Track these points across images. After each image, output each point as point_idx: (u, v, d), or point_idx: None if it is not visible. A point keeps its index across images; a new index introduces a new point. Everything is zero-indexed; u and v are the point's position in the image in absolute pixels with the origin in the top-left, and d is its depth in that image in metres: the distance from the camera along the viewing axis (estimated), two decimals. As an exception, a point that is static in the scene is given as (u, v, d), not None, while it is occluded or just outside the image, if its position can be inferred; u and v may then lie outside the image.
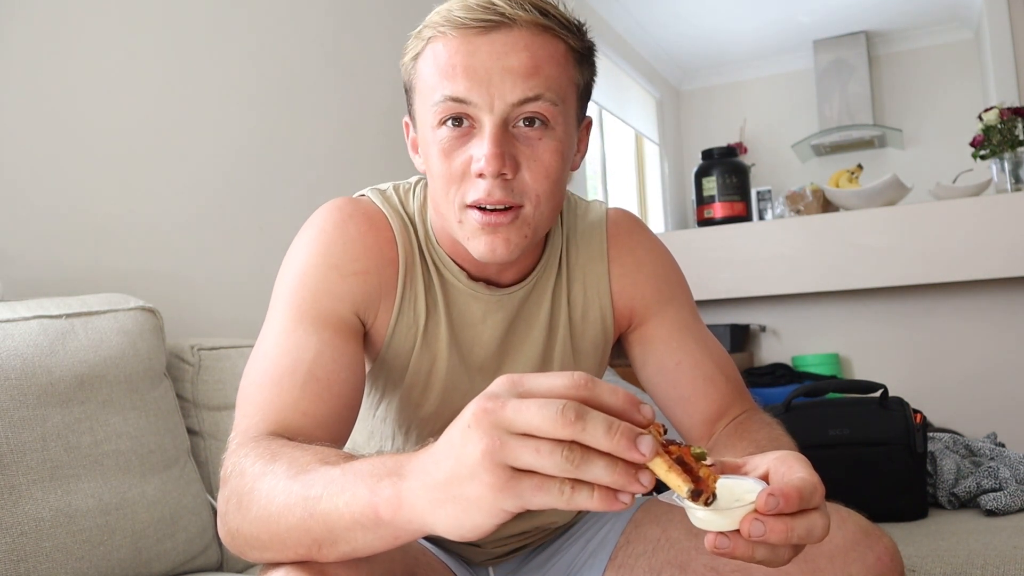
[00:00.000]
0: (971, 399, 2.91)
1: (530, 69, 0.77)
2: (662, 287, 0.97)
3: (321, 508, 0.58)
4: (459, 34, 0.78)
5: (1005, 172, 2.73)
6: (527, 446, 0.47)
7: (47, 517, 1.00)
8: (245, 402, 0.78)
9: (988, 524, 1.32)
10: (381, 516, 0.54)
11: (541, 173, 0.79)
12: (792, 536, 0.56)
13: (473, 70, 0.76)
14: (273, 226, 1.83)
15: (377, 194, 0.92)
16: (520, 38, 0.77)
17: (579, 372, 0.50)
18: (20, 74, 1.36)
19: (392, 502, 0.53)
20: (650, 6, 3.95)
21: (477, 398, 0.50)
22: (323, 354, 0.79)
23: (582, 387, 0.49)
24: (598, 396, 0.49)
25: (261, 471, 0.65)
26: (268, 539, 0.63)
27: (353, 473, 0.58)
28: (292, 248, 0.87)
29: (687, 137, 4.84)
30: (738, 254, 2.98)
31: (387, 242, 0.87)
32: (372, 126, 2.23)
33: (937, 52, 4.33)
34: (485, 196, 0.77)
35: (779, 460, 0.60)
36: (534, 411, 0.47)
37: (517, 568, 0.99)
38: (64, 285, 1.35)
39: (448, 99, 0.77)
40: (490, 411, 0.48)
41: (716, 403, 0.92)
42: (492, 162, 0.76)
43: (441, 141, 0.79)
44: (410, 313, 0.87)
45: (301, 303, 0.82)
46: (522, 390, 0.49)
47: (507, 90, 0.76)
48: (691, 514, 0.58)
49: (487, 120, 0.77)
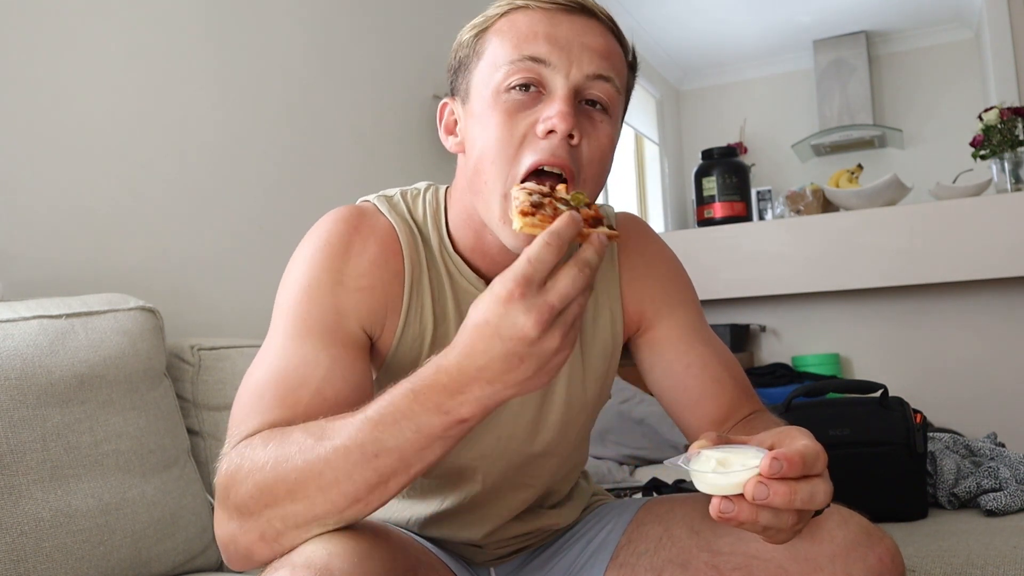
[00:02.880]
0: (971, 399, 2.91)
1: (605, 52, 0.81)
2: (671, 291, 0.96)
3: (387, 445, 0.63)
4: (544, 7, 0.80)
5: (1005, 172, 2.73)
6: (578, 304, 0.61)
7: (47, 517, 1.00)
8: (243, 410, 0.75)
9: (988, 524, 1.32)
10: (466, 420, 0.62)
11: (599, 152, 0.80)
12: (795, 500, 0.58)
13: (555, 38, 0.79)
14: (274, 226, 1.83)
15: (384, 201, 0.90)
16: (597, 26, 0.82)
17: (545, 237, 0.60)
18: (20, 74, 1.36)
19: (477, 407, 0.62)
20: (650, 6, 3.95)
21: (518, 316, 0.59)
22: (333, 371, 0.77)
23: (560, 245, 0.60)
24: (568, 239, 0.61)
25: (279, 444, 0.67)
26: (311, 505, 0.65)
27: (391, 410, 0.63)
28: (296, 259, 0.85)
29: (687, 137, 4.84)
30: (738, 254, 2.98)
31: (394, 254, 0.85)
32: (371, 126, 2.23)
33: (937, 52, 4.33)
34: (548, 156, 0.76)
35: (782, 432, 0.63)
36: (571, 290, 0.60)
37: (518, 568, 0.99)
38: (64, 285, 1.35)
39: (527, 58, 0.78)
40: (547, 319, 0.59)
41: (725, 405, 0.92)
42: (567, 119, 0.76)
43: (507, 103, 0.79)
44: (416, 324, 0.86)
45: (307, 317, 0.80)
46: (537, 284, 0.59)
47: (585, 61, 0.79)
48: (697, 478, 0.61)
49: (560, 84, 0.78)
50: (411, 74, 2.36)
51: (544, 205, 0.66)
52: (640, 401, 2.32)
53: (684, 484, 1.50)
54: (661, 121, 4.58)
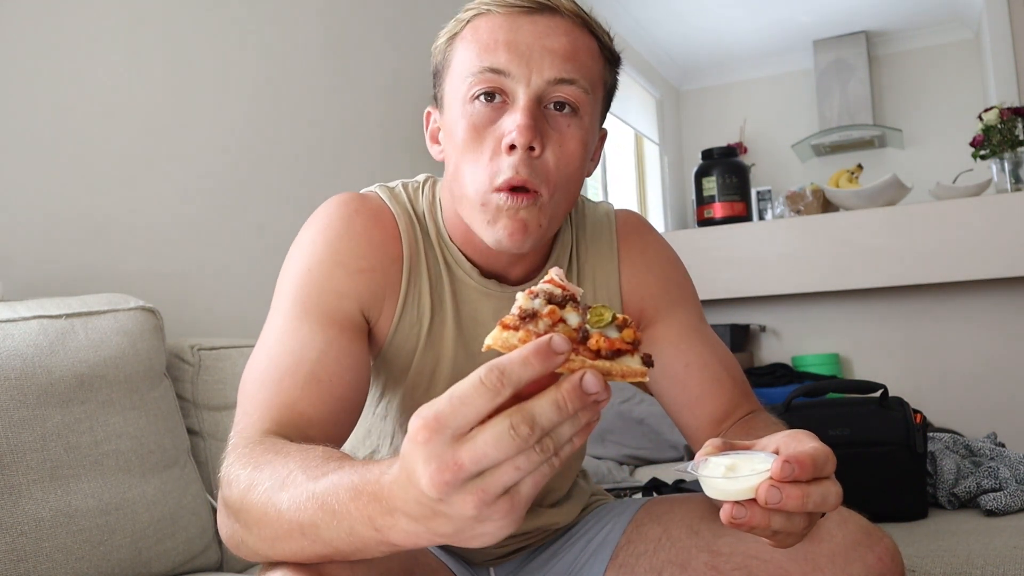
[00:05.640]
0: (971, 399, 2.91)
1: (569, 53, 0.79)
2: (671, 288, 0.97)
3: (323, 536, 0.57)
4: (504, 12, 0.79)
5: (1005, 172, 2.73)
6: (507, 471, 0.45)
7: (47, 517, 1.00)
8: (245, 399, 0.77)
9: (988, 524, 1.32)
10: (399, 544, 0.53)
11: (564, 159, 0.80)
12: (808, 503, 0.57)
13: (515, 45, 0.78)
14: (273, 226, 1.83)
15: (385, 191, 0.91)
16: (562, 24, 0.80)
17: (484, 371, 0.45)
18: (20, 74, 1.36)
19: (408, 539, 0.52)
20: (650, 6, 3.95)
21: (422, 466, 0.46)
22: (327, 353, 0.78)
23: (500, 388, 0.45)
24: (517, 383, 0.45)
25: (247, 484, 0.64)
26: (277, 556, 0.63)
27: (335, 500, 0.55)
28: (297, 243, 0.87)
29: (687, 137, 4.84)
30: (738, 254, 2.98)
31: (392, 239, 0.87)
32: (372, 126, 2.23)
33: (937, 52, 4.33)
34: (512, 173, 0.77)
35: (789, 436, 0.63)
36: (493, 451, 0.45)
37: (518, 568, 0.99)
38: (64, 285, 1.35)
39: (486, 70, 0.78)
40: (451, 480, 0.45)
41: (723, 405, 0.92)
42: (525, 132, 0.76)
43: (472, 115, 0.79)
44: (414, 311, 0.87)
45: (306, 299, 0.81)
46: (452, 433, 0.46)
47: (546, 67, 0.78)
48: (707, 485, 0.60)
49: (522, 93, 0.77)
50: (417, 78, 2.36)
51: (539, 317, 0.49)
52: (640, 401, 2.32)
53: (684, 484, 1.50)
54: (661, 121, 4.58)
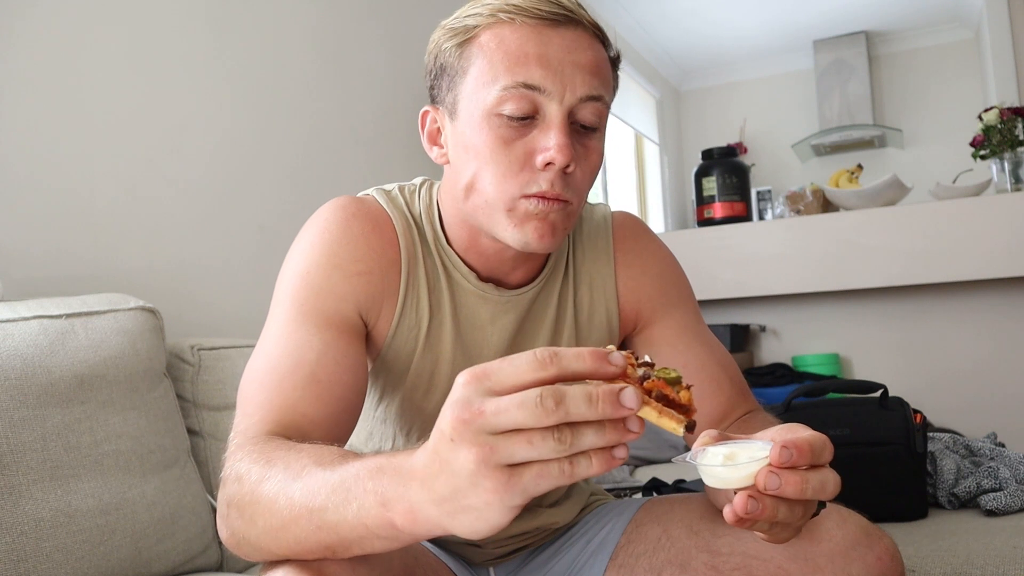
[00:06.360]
0: (971, 399, 2.91)
1: (595, 68, 0.79)
2: (668, 290, 0.97)
3: (329, 520, 0.57)
4: (531, 23, 0.78)
5: (1005, 172, 2.73)
6: (518, 442, 0.46)
7: (47, 517, 1.00)
8: (245, 401, 0.77)
9: (988, 524, 1.32)
10: (399, 527, 0.54)
11: (588, 172, 0.81)
12: (807, 489, 0.58)
13: (547, 60, 0.77)
14: (273, 226, 1.83)
15: (382, 194, 0.91)
16: (584, 37, 0.80)
17: (540, 349, 0.48)
18: (20, 74, 1.36)
19: (408, 516, 0.53)
20: (650, 6, 3.95)
21: (449, 406, 0.48)
22: (326, 355, 0.78)
23: (549, 364, 0.47)
24: (566, 368, 0.48)
25: (259, 477, 0.64)
26: (278, 548, 0.63)
27: (354, 480, 0.56)
28: (295, 246, 0.87)
29: (687, 137, 4.84)
30: (738, 254, 2.98)
31: (390, 243, 0.87)
32: (372, 127, 2.23)
33: (937, 52, 4.33)
34: (548, 188, 0.77)
35: (785, 427, 0.63)
36: (514, 410, 0.46)
37: (518, 568, 0.99)
38: (64, 285, 1.35)
39: (520, 85, 0.77)
40: (469, 421, 0.47)
41: (721, 405, 0.92)
42: (564, 151, 0.76)
43: (500, 128, 0.78)
44: (412, 315, 0.87)
45: (304, 302, 0.81)
46: (490, 385, 0.48)
47: (578, 84, 0.77)
48: (706, 473, 0.60)
49: (555, 110, 0.77)
50: (416, 78, 2.36)
51: None
52: (640, 401, 2.32)
53: (684, 484, 1.50)
54: (661, 121, 4.58)
